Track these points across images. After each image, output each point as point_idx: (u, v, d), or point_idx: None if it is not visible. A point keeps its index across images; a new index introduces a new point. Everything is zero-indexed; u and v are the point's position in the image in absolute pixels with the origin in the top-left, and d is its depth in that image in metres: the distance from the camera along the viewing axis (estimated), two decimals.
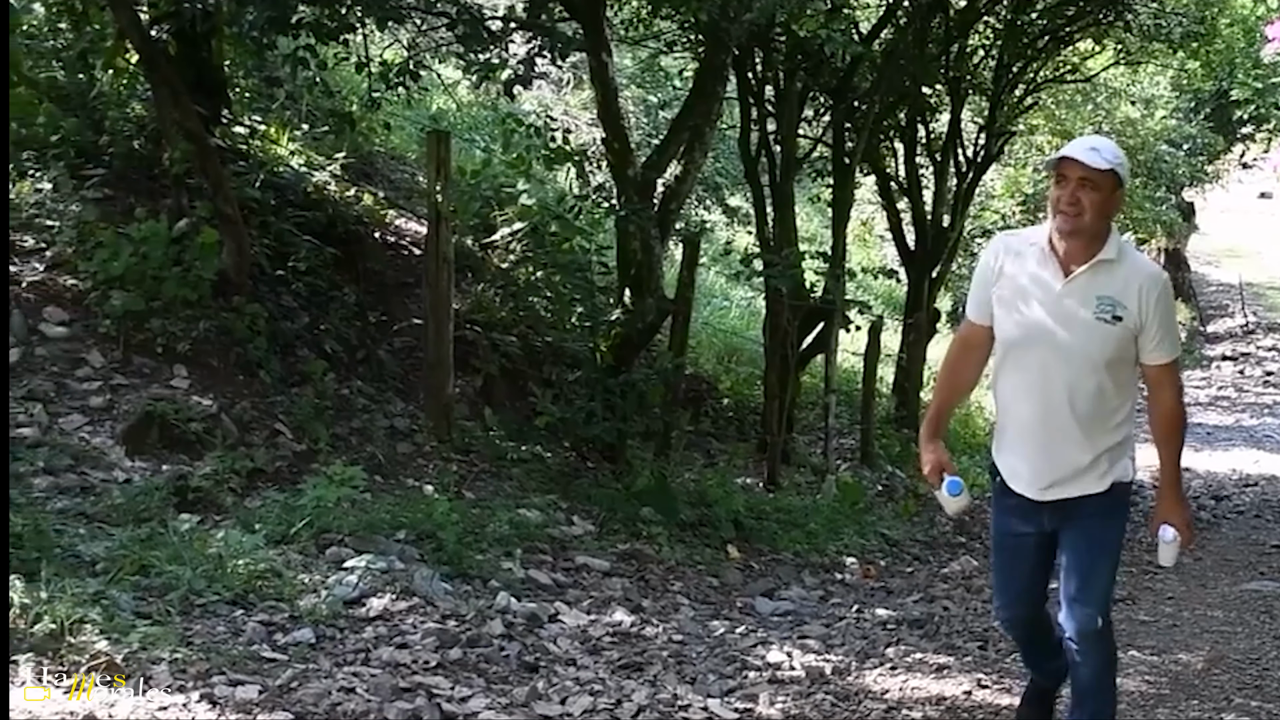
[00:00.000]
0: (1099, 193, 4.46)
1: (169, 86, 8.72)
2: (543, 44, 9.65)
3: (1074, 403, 4.59)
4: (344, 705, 5.14)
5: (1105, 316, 4.52)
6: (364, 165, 12.24)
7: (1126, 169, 4.56)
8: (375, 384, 9.28)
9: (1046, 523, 4.79)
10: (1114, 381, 4.61)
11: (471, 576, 7.01)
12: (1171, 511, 4.76)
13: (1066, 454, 4.67)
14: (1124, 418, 4.72)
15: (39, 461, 6.74)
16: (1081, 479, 4.69)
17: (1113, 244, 4.57)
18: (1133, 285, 4.54)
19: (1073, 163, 4.44)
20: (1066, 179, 4.48)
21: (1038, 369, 4.62)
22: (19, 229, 8.47)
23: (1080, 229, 4.49)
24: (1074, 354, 4.56)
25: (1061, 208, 4.48)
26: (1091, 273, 4.55)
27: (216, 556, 6.14)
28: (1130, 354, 4.61)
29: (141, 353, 8.05)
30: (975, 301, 4.87)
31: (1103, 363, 4.55)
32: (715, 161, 19.98)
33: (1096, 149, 4.46)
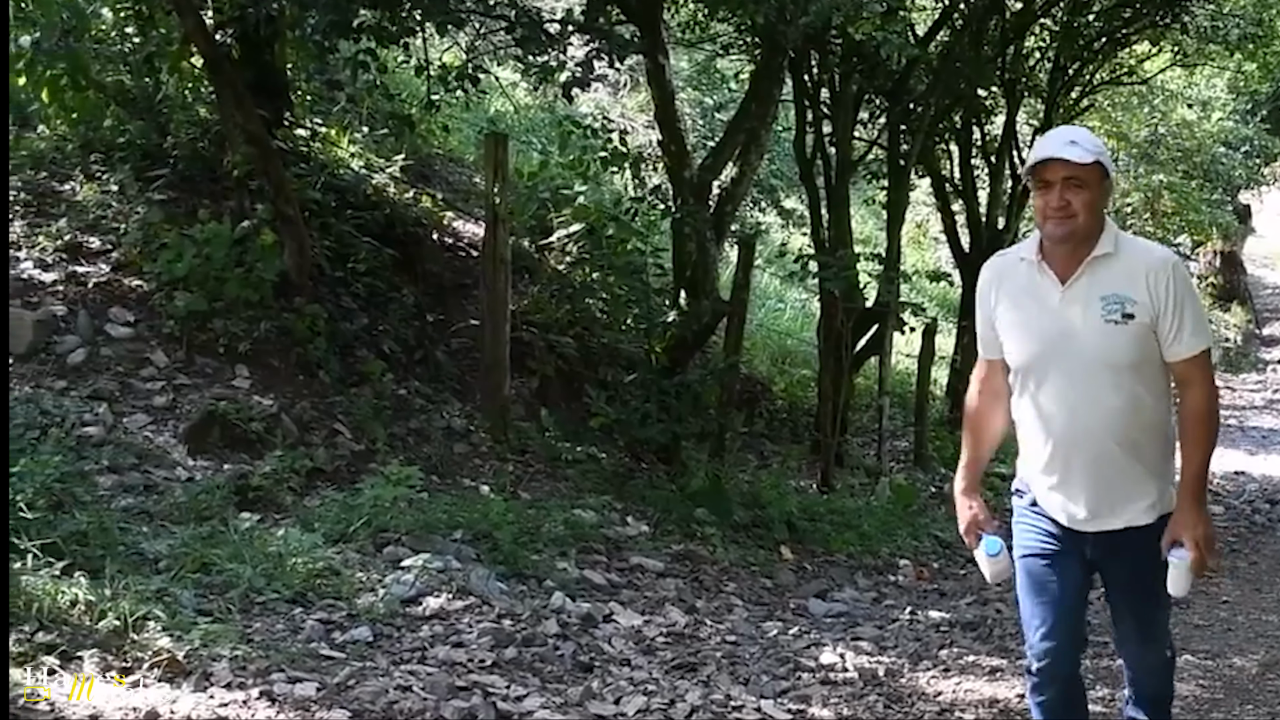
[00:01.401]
0: (1088, 190, 4.00)
1: (232, 89, 8.79)
2: (600, 46, 9.64)
3: (1106, 420, 4.08)
4: (400, 703, 5.16)
5: (1114, 316, 4.01)
6: (423, 167, 12.28)
7: (1109, 157, 4.10)
8: (433, 384, 9.31)
9: (1089, 551, 4.23)
10: (1147, 388, 4.10)
11: (527, 576, 7.01)
12: (1187, 526, 4.07)
13: (1108, 479, 4.14)
14: (1166, 435, 4.19)
15: (104, 460, 6.80)
16: (1128, 507, 4.15)
17: (1108, 237, 4.08)
18: (1138, 275, 4.02)
19: (1054, 163, 3.98)
20: (1049, 183, 4.00)
21: (1060, 389, 4.12)
22: (86, 230, 8.56)
23: (1075, 232, 4.01)
24: (1092, 365, 4.04)
25: (1050, 214, 4.01)
26: (1090, 273, 4.06)
27: (276, 555, 6.17)
28: (1155, 353, 4.06)
29: (204, 353, 8.12)
30: (981, 338, 4.39)
31: (1126, 369, 4.04)
32: (771, 164, 19.89)
33: (1076, 142, 3.99)
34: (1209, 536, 4.10)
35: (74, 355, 7.65)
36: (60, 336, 7.74)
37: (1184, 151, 24.48)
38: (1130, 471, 4.13)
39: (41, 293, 7.96)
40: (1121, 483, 4.13)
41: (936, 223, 20.88)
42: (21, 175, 8.81)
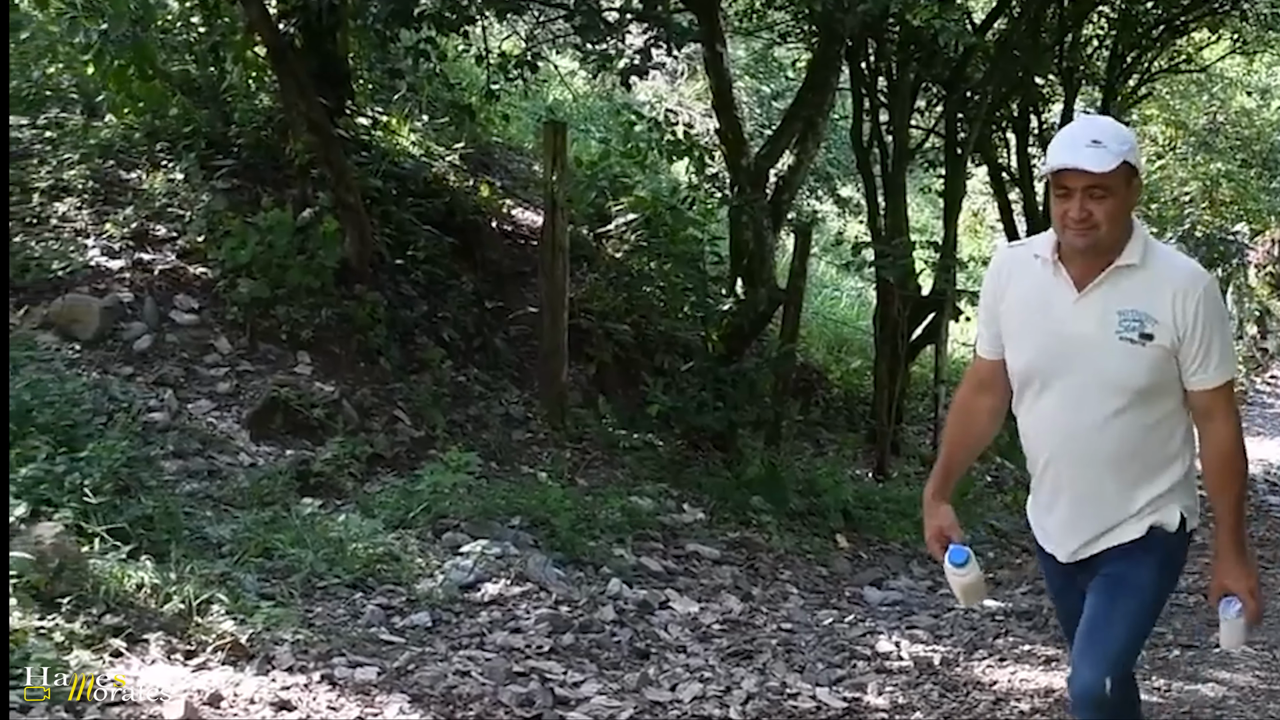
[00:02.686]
0: (1113, 198, 3.50)
1: (295, 79, 8.82)
2: (659, 34, 9.63)
3: (1104, 446, 3.64)
4: (459, 688, 5.19)
5: (1130, 335, 3.54)
6: (482, 155, 12.28)
7: (1136, 151, 3.58)
8: (491, 372, 9.32)
9: (1081, 584, 3.83)
10: (1154, 416, 3.64)
11: (584, 563, 7.03)
12: (1233, 576, 3.65)
13: (1100, 510, 3.71)
14: (1171, 458, 3.71)
15: (169, 445, 6.85)
16: (1113, 533, 3.72)
17: (1135, 245, 3.59)
18: (1163, 293, 3.54)
19: (1074, 173, 3.49)
20: (1069, 190, 3.51)
21: (1057, 405, 3.68)
22: (152, 218, 8.62)
23: (1097, 242, 3.54)
24: (1098, 385, 3.60)
25: (1069, 224, 3.53)
26: (1110, 283, 3.59)
27: (337, 540, 6.22)
28: (1171, 379, 3.61)
29: (267, 339, 8.16)
30: (981, 333, 3.94)
31: (1135, 393, 3.58)
32: (827, 152, 19.75)
33: (1099, 141, 3.48)
34: (1255, 585, 3.70)
35: (140, 341, 7.71)
36: (127, 323, 7.80)
37: (1243, 140, 24.14)
38: (1123, 502, 3.70)
39: (109, 280, 8.03)
40: (1110, 513, 3.71)
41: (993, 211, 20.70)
42: (90, 164, 8.87)
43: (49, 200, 8.49)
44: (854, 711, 5.73)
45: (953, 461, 4.07)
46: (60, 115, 9.36)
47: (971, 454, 4.18)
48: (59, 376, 6.75)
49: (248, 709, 4.66)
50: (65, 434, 6.00)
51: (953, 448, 4.08)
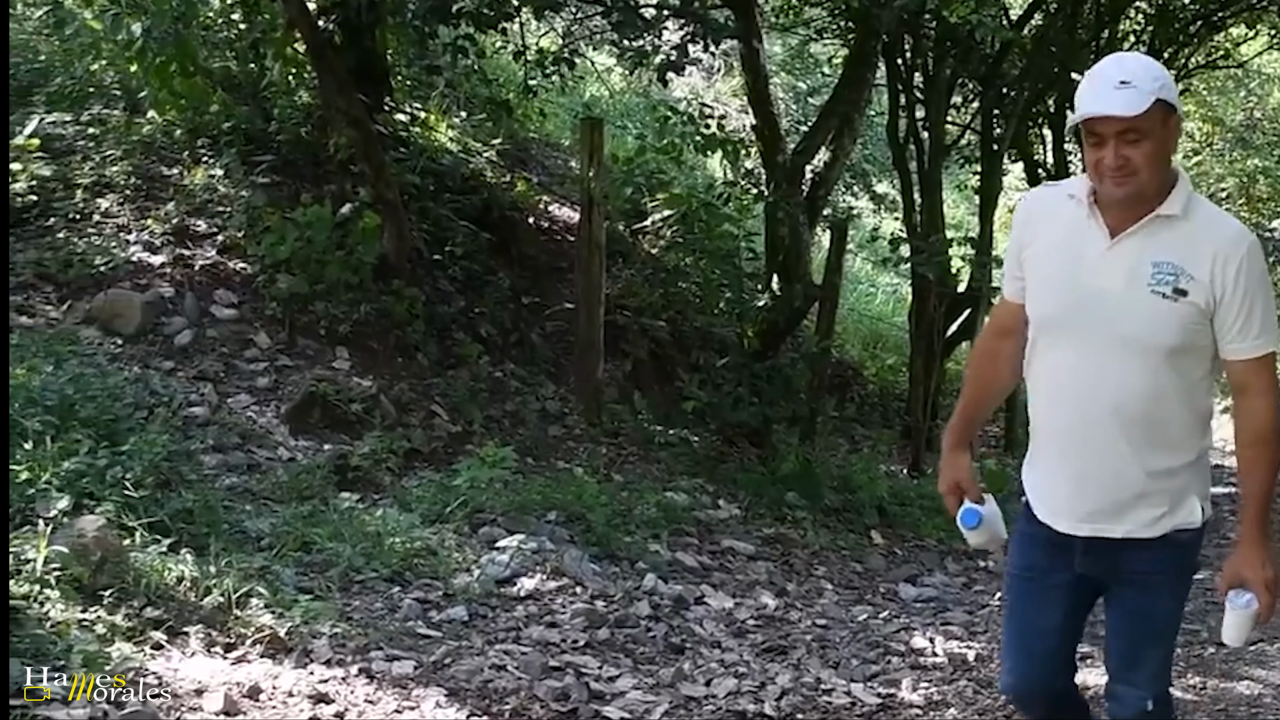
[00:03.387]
0: (1150, 140, 3.21)
1: (334, 75, 8.85)
2: (695, 30, 9.62)
3: (1120, 405, 3.33)
4: (495, 682, 5.19)
5: (1164, 289, 3.25)
6: (519, 151, 12.31)
7: (1172, 86, 3.27)
8: (528, 367, 9.34)
9: (1079, 563, 3.49)
10: (1178, 381, 3.33)
11: (620, 558, 7.02)
12: (1249, 566, 3.34)
13: (1108, 475, 3.39)
14: (1190, 432, 3.41)
15: (209, 439, 6.88)
16: (1127, 514, 3.40)
17: (1179, 196, 3.31)
18: (1204, 249, 3.25)
19: (1105, 119, 3.20)
20: (1102, 137, 3.22)
21: (1074, 360, 3.38)
22: (193, 213, 8.66)
23: (1138, 191, 3.26)
24: (1122, 339, 3.30)
25: (1106, 173, 3.24)
26: (1147, 231, 3.30)
27: (375, 534, 6.23)
28: (1203, 342, 3.31)
29: (305, 334, 8.19)
30: (1007, 273, 3.64)
31: (1162, 353, 3.29)
32: (863, 148, 19.72)
33: (1128, 82, 3.16)
34: (1274, 579, 3.34)
35: (181, 336, 7.75)
36: (168, 318, 7.83)
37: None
38: (1139, 474, 3.37)
39: (150, 275, 8.07)
40: (1126, 485, 3.39)
41: None
42: (132, 160, 8.92)
43: (92, 196, 8.54)
44: (888, 707, 5.71)
45: (973, 409, 3.83)
46: (103, 112, 9.41)
47: (993, 401, 3.91)
48: (101, 371, 6.79)
49: (286, 701, 4.68)
50: (107, 428, 6.02)
51: (973, 395, 3.81)
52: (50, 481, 5.32)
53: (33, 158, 8.50)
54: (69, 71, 9.60)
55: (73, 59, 9.71)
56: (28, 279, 7.80)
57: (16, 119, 8.92)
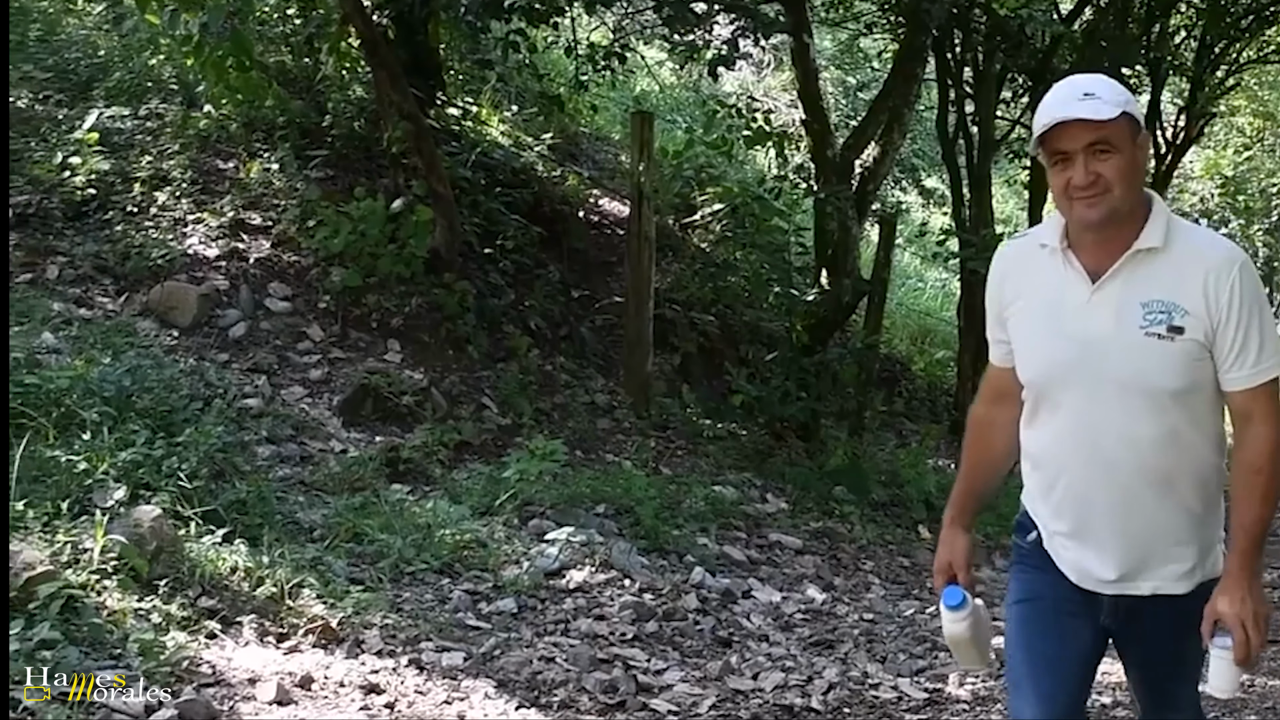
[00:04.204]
0: (1120, 154, 2.95)
1: (388, 69, 8.88)
2: (746, 25, 9.60)
3: (1138, 457, 3.05)
4: (544, 674, 5.20)
5: (1158, 329, 2.97)
6: (570, 146, 12.31)
7: (1136, 105, 3.04)
8: (577, 360, 9.34)
9: (1104, 617, 3.19)
10: (1193, 422, 3.06)
11: (667, 551, 7.01)
12: (1230, 600, 3.01)
13: (1136, 531, 3.10)
14: (1211, 471, 3.14)
15: (263, 431, 6.92)
16: (1158, 569, 3.12)
17: (1156, 225, 3.03)
18: (1193, 277, 2.97)
19: (1070, 127, 2.93)
20: (1067, 155, 2.96)
21: (1077, 416, 3.09)
22: (248, 207, 8.72)
23: (1112, 211, 2.97)
24: (1123, 388, 3.01)
25: (1075, 194, 2.96)
26: (1130, 269, 3.02)
27: (425, 526, 6.25)
28: (1208, 377, 3.03)
29: (358, 327, 8.23)
30: (993, 338, 3.33)
31: (1168, 396, 3.00)
32: (913, 143, 19.63)
33: (1093, 94, 2.94)
34: (1261, 619, 3.03)
35: (235, 329, 7.81)
36: (223, 310, 7.90)
37: None
38: (1166, 523, 3.10)
39: (206, 268, 8.13)
40: (1154, 537, 3.11)
41: None
42: (189, 154, 8.98)
43: (149, 190, 8.60)
44: (935, 703, 5.68)
45: (974, 485, 3.48)
46: (161, 106, 9.48)
47: (995, 474, 3.49)
48: (158, 363, 6.84)
49: (337, 692, 4.70)
50: (163, 419, 6.08)
51: (973, 469, 3.47)
52: (107, 472, 5.37)
53: (92, 152, 8.57)
54: (127, 66, 9.68)
55: (131, 54, 9.79)
56: (86, 271, 7.87)
57: (76, 113, 9.02)
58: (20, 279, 7.59)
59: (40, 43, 10.01)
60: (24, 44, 9.84)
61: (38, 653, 4.13)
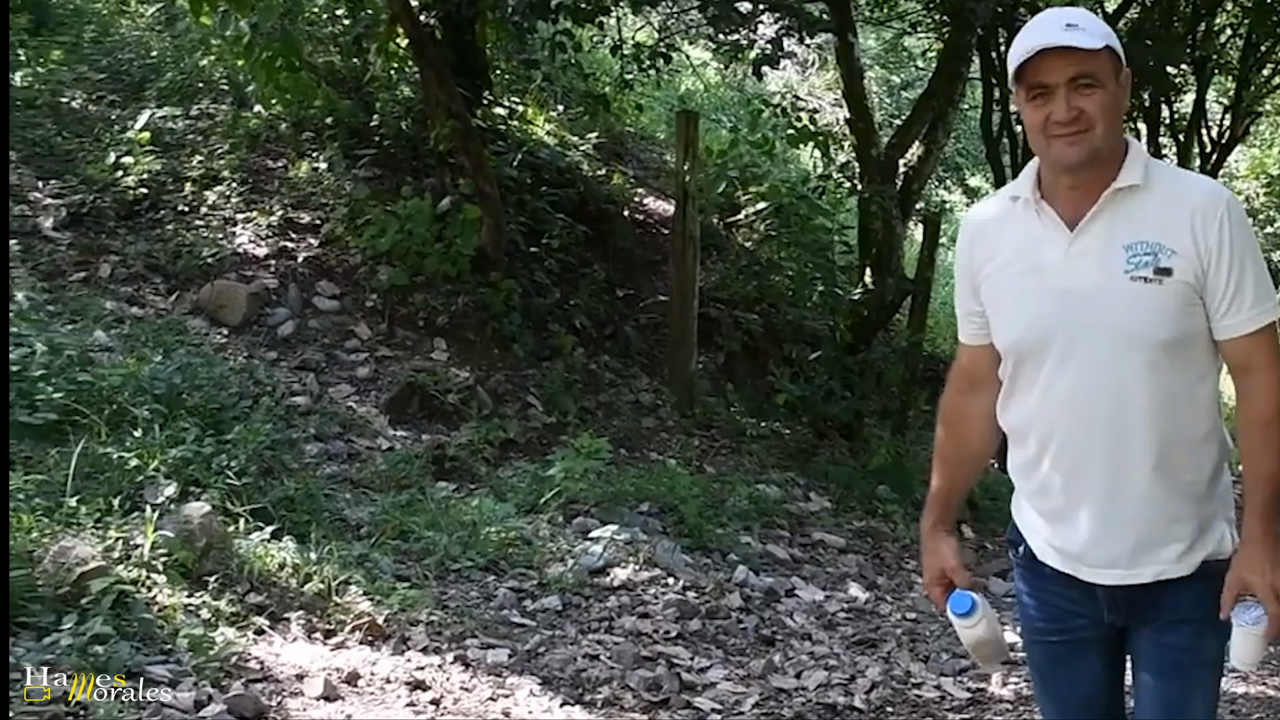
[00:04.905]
0: (1103, 89, 2.70)
1: (435, 69, 8.90)
2: (791, 24, 9.56)
3: (1127, 419, 2.75)
4: (588, 671, 5.20)
5: (1144, 272, 2.68)
6: (615, 145, 12.31)
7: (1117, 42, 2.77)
8: (621, 359, 9.34)
9: (1108, 613, 2.89)
10: (1188, 377, 2.76)
11: (711, 549, 7.00)
12: (1256, 569, 2.73)
13: (1128, 510, 2.79)
14: (1208, 439, 2.82)
15: (310, 428, 6.96)
16: (1155, 552, 2.80)
17: (1134, 164, 2.76)
18: (1178, 216, 2.70)
19: (1052, 56, 2.67)
20: (1047, 88, 2.70)
21: (1060, 379, 2.79)
22: (297, 206, 8.76)
23: (1093, 151, 2.70)
24: (1111, 341, 2.72)
25: (1054, 131, 2.70)
26: (1110, 212, 2.74)
27: (470, 524, 6.26)
28: (1200, 328, 2.74)
29: (405, 326, 8.26)
30: (962, 315, 3.03)
31: (1159, 348, 2.71)
32: (956, 141, 19.51)
33: (1075, 24, 2.68)
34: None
35: (284, 327, 7.85)
36: (272, 309, 7.95)
37: None
38: (1160, 499, 2.78)
39: (255, 267, 8.17)
40: (1148, 515, 2.79)
41: None
42: (239, 153, 9.03)
43: (200, 189, 8.66)
44: (978, 702, 5.65)
45: (950, 484, 3.17)
46: (212, 106, 9.54)
47: (974, 470, 3.23)
48: (208, 361, 6.88)
49: (384, 688, 4.71)
50: (213, 416, 6.11)
51: (948, 467, 3.16)
52: (158, 469, 5.41)
53: (144, 152, 8.63)
54: (179, 67, 9.75)
55: (183, 55, 9.87)
56: (138, 270, 7.93)
57: (129, 113, 9.08)
58: (74, 278, 7.66)
59: (95, 44, 10.10)
60: (79, 45, 9.93)
61: (90, 647, 4.17)
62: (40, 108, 9.02)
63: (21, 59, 9.16)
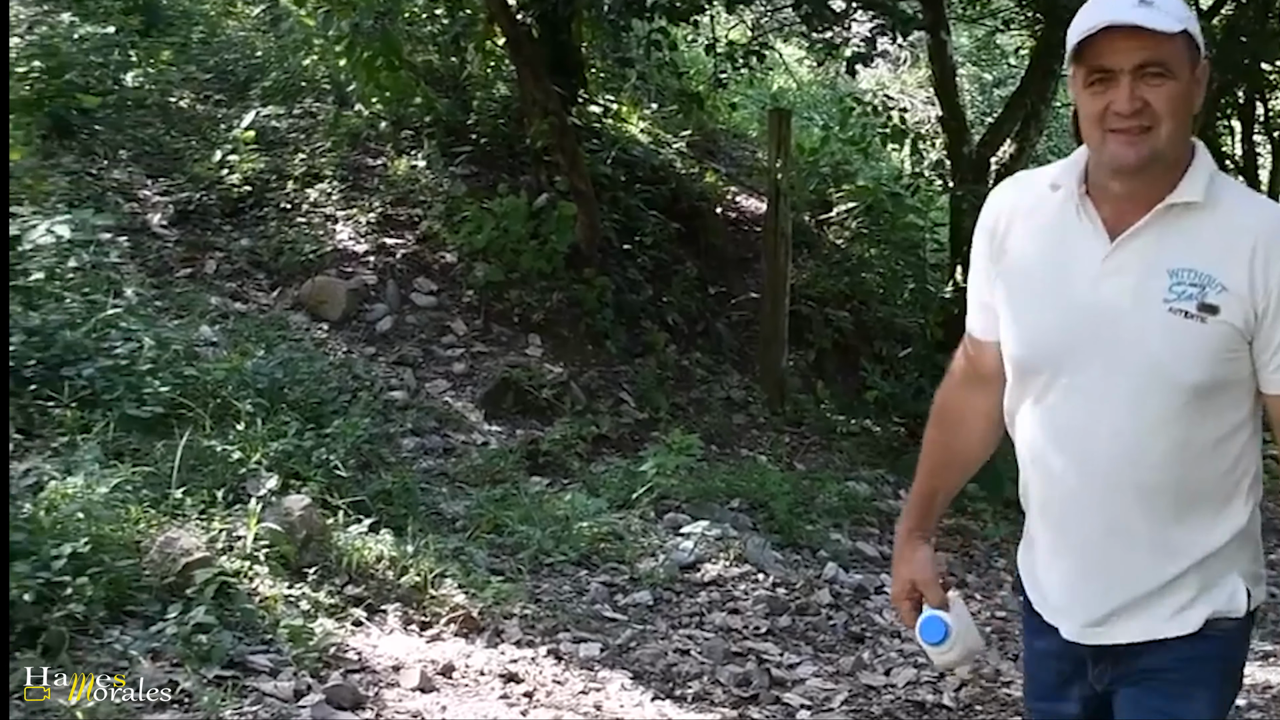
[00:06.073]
0: (1175, 80, 2.24)
1: (531, 68, 8.94)
2: (884, 22, 9.48)
3: (1135, 472, 2.33)
4: (679, 666, 5.19)
5: (1186, 305, 2.25)
6: (708, 143, 12.27)
7: (1197, 25, 2.28)
8: (713, 356, 9.30)
9: (1096, 680, 2.47)
10: (1213, 430, 2.33)
11: (801, 546, 6.96)
12: None
13: (1121, 565, 2.38)
14: (1231, 496, 2.38)
15: (407, 423, 7.00)
16: (1148, 609, 2.38)
17: (1197, 176, 2.30)
18: (1238, 246, 2.26)
19: (1120, 36, 2.21)
20: (1109, 73, 2.24)
21: (1070, 412, 2.38)
22: (395, 203, 8.82)
23: (1154, 154, 2.25)
24: (1133, 380, 2.30)
25: (1113, 124, 2.24)
26: (1159, 228, 2.29)
27: (563, 518, 6.26)
28: (1240, 374, 2.30)
29: (500, 322, 8.29)
30: (973, 302, 2.59)
31: (1188, 393, 2.28)
32: (1048, 139, 19.23)
33: (1150, 2, 2.21)
34: None
35: (382, 323, 7.90)
36: (370, 304, 8.00)
37: None
38: (1161, 556, 2.37)
39: (355, 263, 8.24)
40: (1145, 572, 2.37)
41: None
42: (339, 151, 9.11)
43: (302, 187, 8.74)
44: None
45: (935, 487, 2.77)
46: (314, 105, 9.63)
47: (962, 475, 2.81)
48: (308, 355, 6.94)
49: (478, 680, 4.73)
50: (313, 410, 6.17)
51: (936, 470, 2.75)
52: (260, 461, 5.47)
53: (249, 150, 8.73)
54: (283, 66, 9.85)
55: (286, 54, 9.96)
56: (242, 266, 8.03)
57: (235, 112, 9.20)
58: (180, 274, 7.76)
59: (202, 45, 10.23)
60: (187, 46, 10.07)
61: (194, 636, 4.23)
62: (150, 107, 9.14)
63: (133, 60, 9.30)
